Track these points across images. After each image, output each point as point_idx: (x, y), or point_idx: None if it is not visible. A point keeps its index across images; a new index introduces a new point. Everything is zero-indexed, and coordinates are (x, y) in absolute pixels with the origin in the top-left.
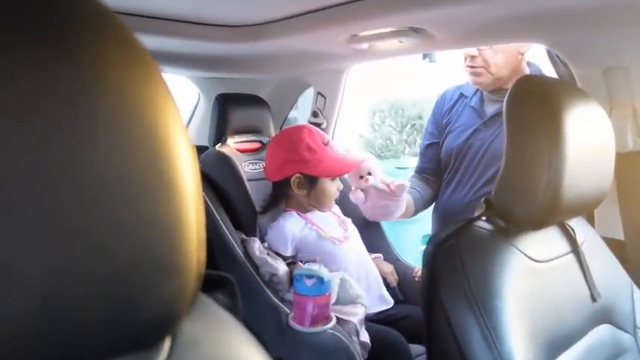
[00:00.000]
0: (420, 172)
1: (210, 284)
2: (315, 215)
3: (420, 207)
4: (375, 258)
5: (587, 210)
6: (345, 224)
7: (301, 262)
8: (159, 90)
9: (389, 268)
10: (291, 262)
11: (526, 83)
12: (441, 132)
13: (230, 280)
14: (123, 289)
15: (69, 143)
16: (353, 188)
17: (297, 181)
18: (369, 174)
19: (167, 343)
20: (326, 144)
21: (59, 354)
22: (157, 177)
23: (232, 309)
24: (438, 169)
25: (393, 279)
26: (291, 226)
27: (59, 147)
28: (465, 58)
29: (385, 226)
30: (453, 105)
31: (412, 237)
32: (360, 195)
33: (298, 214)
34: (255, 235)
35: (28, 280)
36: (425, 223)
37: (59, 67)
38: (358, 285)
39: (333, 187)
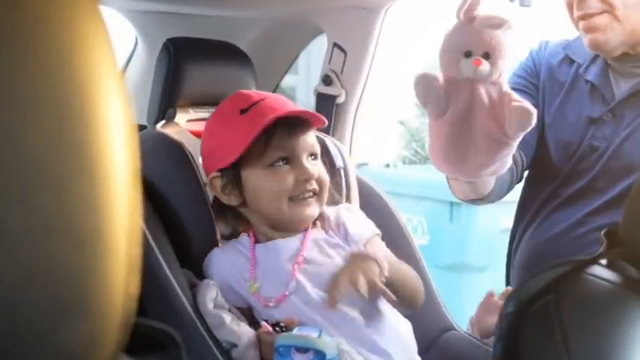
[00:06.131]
0: None
1: (142, 343)
2: (278, 244)
3: (504, 187)
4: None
5: None
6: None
7: (266, 321)
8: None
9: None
10: (253, 322)
11: None
12: (537, 91)
13: (173, 338)
14: None
15: None
16: (443, 73)
17: (215, 183)
18: (488, 56)
19: None
20: (245, 110)
21: None
22: (63, 144)
23: None
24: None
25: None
26: (218, 265)
27: None
28: (570, 6)
29: (432, 273)
30: (555, 69)
31: (475, 293)
32: (439, 92)
33: (250, 242)
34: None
35: None
36: (496, 271)
37: None
38: None
39: (271, 183)
